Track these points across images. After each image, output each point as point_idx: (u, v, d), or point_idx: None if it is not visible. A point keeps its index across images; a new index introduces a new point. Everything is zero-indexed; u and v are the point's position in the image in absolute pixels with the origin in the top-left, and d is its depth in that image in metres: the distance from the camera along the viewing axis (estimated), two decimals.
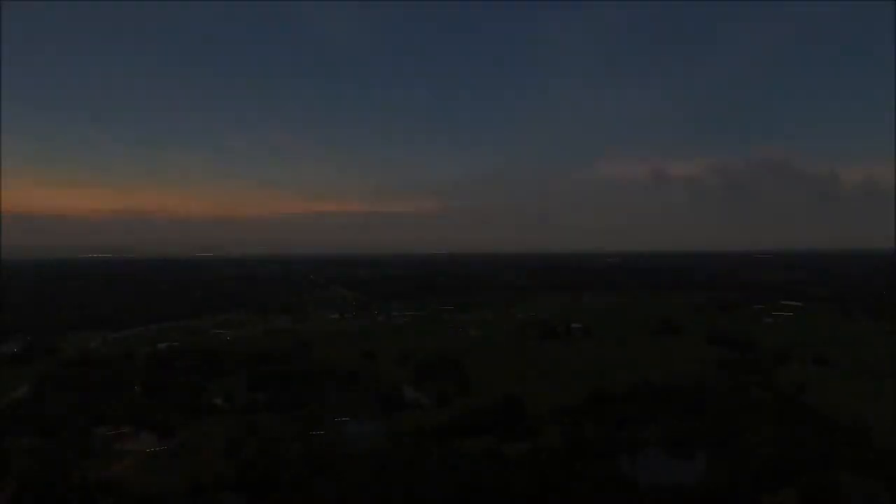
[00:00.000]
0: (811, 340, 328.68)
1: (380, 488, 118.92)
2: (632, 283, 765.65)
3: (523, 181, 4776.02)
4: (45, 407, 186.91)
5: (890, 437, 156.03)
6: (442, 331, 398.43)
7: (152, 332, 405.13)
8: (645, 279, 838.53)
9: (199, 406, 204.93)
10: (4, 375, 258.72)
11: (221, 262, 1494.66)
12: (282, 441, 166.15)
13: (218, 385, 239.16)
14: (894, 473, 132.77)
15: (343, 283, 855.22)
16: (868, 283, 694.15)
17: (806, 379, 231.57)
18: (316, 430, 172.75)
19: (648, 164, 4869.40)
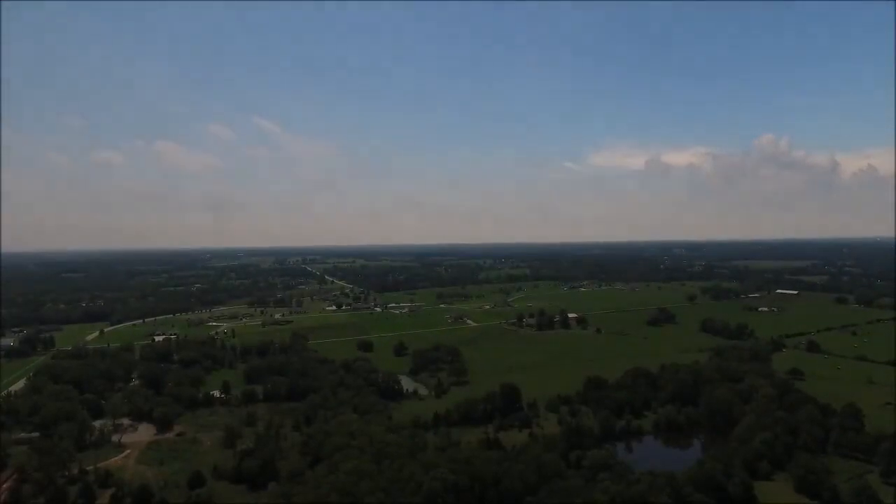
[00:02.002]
0: (806, 328, 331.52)
1: (379, 478, 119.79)
2: (628, 273, 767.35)
3: (521, 173, 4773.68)
4: (44, 399, 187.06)
5: (882, 422, 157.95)
6: (439, 321, 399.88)
7: (150, 325, 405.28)
8: (641, 268, 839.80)
9: (198, 398, 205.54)
10: (2, 369, 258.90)
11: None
12: (280, 432, 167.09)
13: (216, 377, 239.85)
14: (885, 457, 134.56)
15: (340, 274, 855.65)
16: (864, 272, 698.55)
17: (801, 366, 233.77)
18: (314, 420, 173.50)
19: (646, 154, 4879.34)
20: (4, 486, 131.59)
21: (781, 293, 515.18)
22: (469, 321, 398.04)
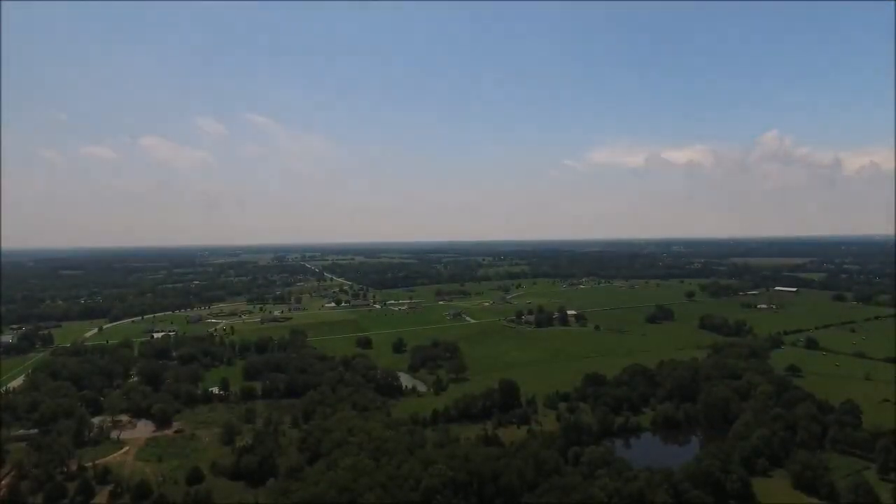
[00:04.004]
0: (805, 325, 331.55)
1: (377, 475, 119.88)
2: (627, 270, 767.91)
3: (520, 170, 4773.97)
4: (42, 396, 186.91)
5: (880, 418, 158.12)
6: (438, 318, 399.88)
7: (149, 322, 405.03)
8: (640, 265, 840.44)
9: (197, 394, 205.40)
10: (1, 366, 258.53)
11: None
12: (279, 428, 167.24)
13: (215, 374, 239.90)
14: (883, 453, 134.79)
15: (339, 271, 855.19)
16: (863, 269, 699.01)
17: (799, 363, 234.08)
18: (313, 417, 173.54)
19: (646, 152, 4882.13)
20: (3, 482, 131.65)
21: (780, 290, 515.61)
22: (468, 318, 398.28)
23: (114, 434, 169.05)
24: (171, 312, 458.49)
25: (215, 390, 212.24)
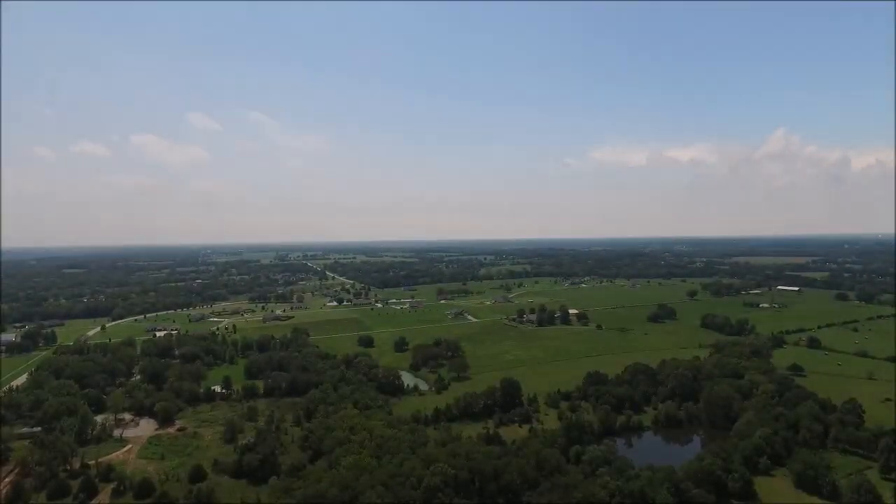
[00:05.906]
0: (807, 324, 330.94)
1: (379, 473, 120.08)
2: (630, 269, 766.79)
3: (522, 169, 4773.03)
4: (45, 394, 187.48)
5: (882, 418, 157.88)
6: (440, 317, 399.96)
7: (152, 320, 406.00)
8: (642, 265, 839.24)
9: (199, 393, 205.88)
10: (5, 364, 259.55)
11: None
12: (281, 427, 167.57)
13: (217, 372, 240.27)
14: (885, 453, 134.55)
15: (341, 270, 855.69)
16: (865, 268, 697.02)
17: (801, 362, 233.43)
18: (314, 415, 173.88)
19: (648, 150, 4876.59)
20: (7, 479, 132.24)
21: (782, 289, 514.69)
22: (470, 317, 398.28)
23: (116, 432, 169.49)
24: (173, 311, 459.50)
25: (217, 389, 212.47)
